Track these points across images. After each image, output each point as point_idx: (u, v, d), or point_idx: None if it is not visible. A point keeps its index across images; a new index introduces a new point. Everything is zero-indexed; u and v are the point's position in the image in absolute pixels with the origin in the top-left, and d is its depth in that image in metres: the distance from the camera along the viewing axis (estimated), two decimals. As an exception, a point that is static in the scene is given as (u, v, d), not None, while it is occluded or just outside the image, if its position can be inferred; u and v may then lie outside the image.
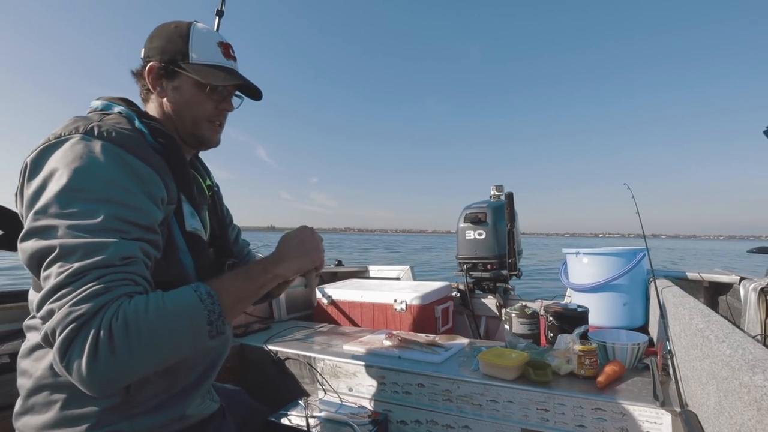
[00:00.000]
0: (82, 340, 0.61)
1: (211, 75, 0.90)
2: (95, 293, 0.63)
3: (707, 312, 1.04)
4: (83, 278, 0.64)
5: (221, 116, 0.97)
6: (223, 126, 1.00)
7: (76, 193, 0.69)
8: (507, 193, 2.39)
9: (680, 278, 2.15)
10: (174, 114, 0.93)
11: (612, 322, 1.84)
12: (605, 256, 1.88)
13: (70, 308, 0.62)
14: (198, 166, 1.07)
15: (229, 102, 0.98)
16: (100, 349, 0.61)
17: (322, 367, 1.48)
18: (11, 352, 1.26)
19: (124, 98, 0.92)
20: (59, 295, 0.63)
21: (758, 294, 1.63)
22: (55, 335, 0.62)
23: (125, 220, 0.71)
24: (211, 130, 0.97)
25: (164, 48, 0.90)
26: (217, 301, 0.73)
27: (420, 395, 1.29)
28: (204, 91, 0.92)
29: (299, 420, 1.25)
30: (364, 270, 2.96)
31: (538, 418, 1.13)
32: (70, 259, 0.65)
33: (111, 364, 0.62)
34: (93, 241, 0.67)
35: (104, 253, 0.66)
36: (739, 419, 0.61)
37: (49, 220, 0.68)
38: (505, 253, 2.38)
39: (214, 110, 0.95)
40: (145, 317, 0.65)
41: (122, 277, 0.68)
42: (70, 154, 0.71)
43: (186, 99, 0.92)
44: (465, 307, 2.47)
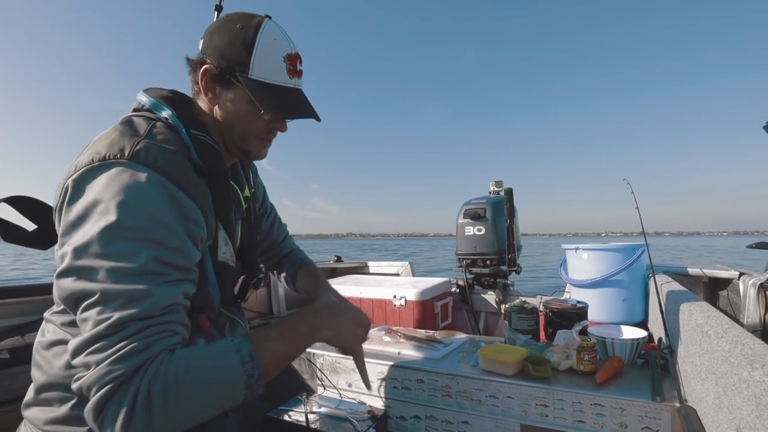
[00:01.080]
0: (117, 403, 0.60)
1: (270, 101, 0.83)
2: (134, 351, 0.61)
3: (706, 307, 1.04)
4: (122, 331, 0.62)
5: (272, 134, 0.92)
6: (271, 141, 0.94)
7: (119, 232, 0.65)
8: (506, 188, 2.39)
9: (679, 274, 2.15)
10: (223, 123, 0.87)
11: (611, 318, 1.84)
12: (604, 252, 1.88)
13: (108, 367, 0.60)
14: (239, 174, 1.02)
15: (283, 123, 0.91)
16: (135, 415, 0.60)
17: (321, 363, 1.48)
18: (11, 347, 1.26)
19: (173, 95, 0.87)
20: (97, 348, 0.61)
21: (757, 289, 1.63)
22: (90, 392, 0.61)
23: (167, 262, 0.68)
24: (259, 146, 0.91)
25: (224, 52, 0.82)
26: (258, 366, 0.70)
27: (419, 391, 1.29)
28: (259, 111, 0.85)
29: (299, 416, 1.25)
30: (363, 266, 2.96)
31: (538, 414, 1.13)
32: (109, 306, 0.63)
33: (146, 427, 0.60)
34: (134, 289, 0.64)
35: (145, 302, 0.64)
36: (738, 414, 0.61)
37: (89, 260, 0.64)
38: (504, 249, 2.37)
39: (266, 128, 0.89)
40: (185, 382, 0.63)
41: (162, 330, 0.65)
42: (116, 185, 0.67)
43: (239, 114, 0.86)
44: (464, 303, 2.47)
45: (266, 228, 1.24)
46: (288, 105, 0.85)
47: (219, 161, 0.84)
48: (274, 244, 1.29)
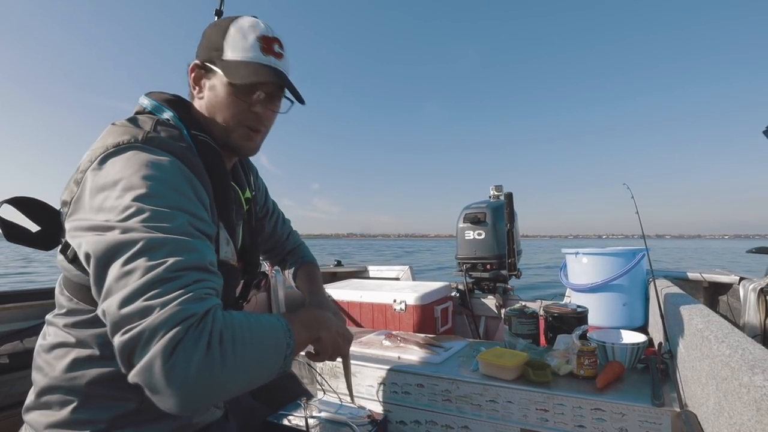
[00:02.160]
0: (192, 342, 0.55)
1: (236, 71, 0.82)
2: (199, 297, 0.59)
3: (707, 312, 1.04)
4: (184, 277, 0.59)
5: (256, 121, 0.88)
6: (261, 133, 0.91)
7: (150, 199, 0.64)
8: (506, 193, 2.39)
9: (680, 278, 2.15)
10: (209, 116, 0.87)
11: (611, 323, 1.84)
12: (605, 257, 1.88)
13: (180, 306, 0.56)
14: (239, 174, 1.02)
15: (265, 105, 0.88)
16: (211, 356, 0.56)
17: (321, 368, 1.48)
18: (10, 352, 1.26)
19: (174, 98, 0.88)
20: (160, 291, 0.57)
21: (758, 294, 1.63)
22: (156, 334, 0.54)
23: (199, 229, 0.68)
24: (244, 137, 0.88)
25: (205, 45, 0.86)
26: (293, 338, 0.71)
27: (419, 395, 1.29)
28: (234, 91, 0.84)
29: (298, 420, 1.25)
30: (363, 270, 2.96)
31: (538, 419, 1.13)
32: (159, 253, 0.59)
33: (218, 375, 0.56)
34: (181, 239, 0.62)
35: (194, 254, 0.62)
36: (739, 419, 0.61)
37: (124, 222, 0.62)
38: (504, 253, 2.37)
39: (248, 113, 0.87)
40: (250, 333, 0.62)
41: (213, 286, 0.64)
42: (135, 163, 0.67)
43: (219, 100, 0.85)
44: (464, 307, 2.47)
45: (270, 228, 1.26)
46: (254, 73, 0.83)
47: (219, 161, 0.85)
48: (279, 242, 1.31)
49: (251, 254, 1.04)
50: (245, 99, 0.86)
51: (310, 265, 1.32)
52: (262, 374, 0.66)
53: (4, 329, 1.30)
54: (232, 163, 0.98)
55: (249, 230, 1.03)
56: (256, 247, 1.07)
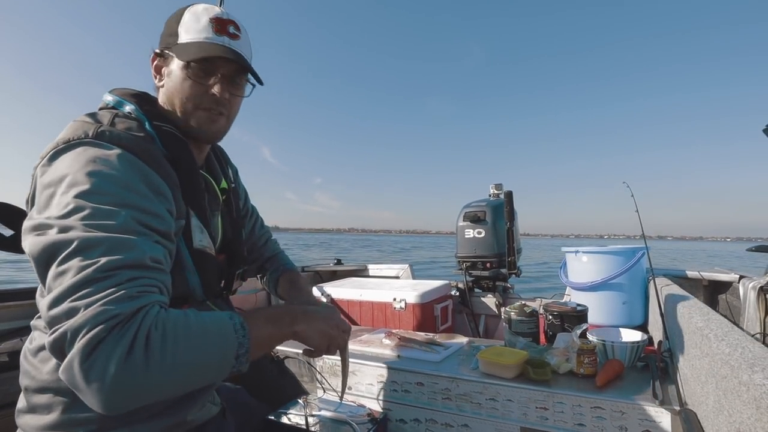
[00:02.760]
0: (113, 342, 0.54)
1: (187, 50, 0.82)
2: (129, 296, 0.58)
3: (706, 310, 1.04)
4: (113, 277, 0.58)
5: (214, 103, 0.86)
6: (224, 116, 0.89)
7: (94, 197, 0.64)
8: (506, 191, 2.39)
9: (679, 277, 2.15)
10: (169, 103, 0.86)
11: (611, 321, 1.84)
12: (604, 255, 1.88)
13: (103, 307, 0.55)
14: (214, 166, 1.01)
15: (223, 87, 0.86)
16: (133, 358, 0.55)
17: (321, 366, 1.48)
18: (10, 350, 1.26)
19: (139, 92, 0.87)
20: (86, 292, 0.56)
21: (757, 292, 1.63)
22: (78, 334, 0.54)
23: (146, 224, 0.66)
24: (205, 120, 0.87)
25: (164, 33, 0.87)
26: (247, 336, 0.67)
27: (419, 394, 1.29)
28: (189, 73, 0.83)
29: (298, 419, 1.25)
30: (363, 268, 2.96)
31: (538, 417, 1.13)
32: (93, 252, 0.59)
33: (141, 376, 0.55)
34: (119, 237, 0.61)
35: (133, 251, 0.61)
36: (738, 418, 0.61)
37: (64, 220, 0.61)
38: (504, 252, 2.37)
39: (204, 95, 0.85)
40: (185, 332, 0.60)
41: (153, 283, 0.63)
42: (82, 159, 0.67)
43: (175, 84, 0.84)
44: (464, 306, 2.47)
45: (248, 229, 1.23)
46: (205, 50, 0.82)
47: (185, 150, 0.84)
48: (256, 247, 1.27)
49: (235, 245, 1.03)
50: (202, 81, 0.84)
51: (292, 273, 1.26)
52: (205, 375, 0.64)
53: (5, 327, 1.30)
54: (204, 153, 0.97)
55: (230, 222, 1.02)
56: (240, 238, 1.05)
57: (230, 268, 1.02)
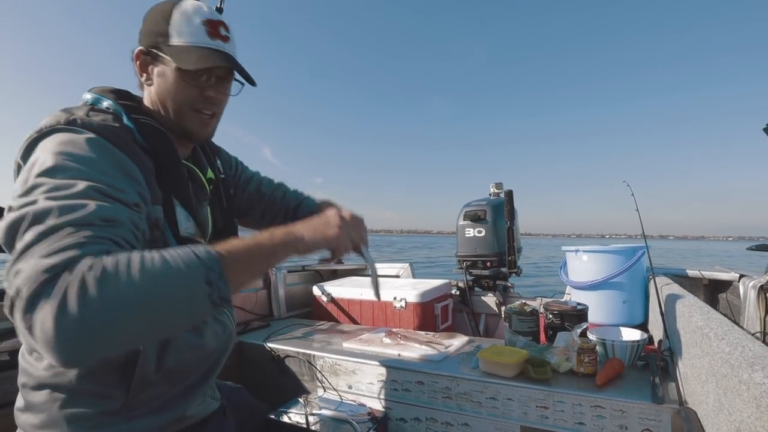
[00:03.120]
0: (48, 293, 0.52)
1: (187, 57, 0.81)
2: (69, 246, 0.56)
3: (706, 309, 1.04)
4: (56, 234, 0.57)
5: (209, 105, 0.87)
6: (216, 116, 0.91)
7: (55, 173, 0.64)
8: (506, 190, 2.39)
9: (680, 276, 2.15)
10: (160, 103, 0.86)
11: (611, 320, 1.84)
12: (605, 254, 1.88)
13: (38, 260, 0.54)
14: (200, 157, 1.01)
15: (217, 89, 0.87)
16: (69, 302, 0.52)
17: (321, 365, 1.48)
18: (11, 349, 1.26)
19: (118, 90, 0.87)
20: (27, 254, 0.56)
21: (758, 291, 1.63)
22: (19, 294, 0.53)
23: (107, 194, 0.65)
24: (197, 122, 0.88)
25: (149, 30, 0.84)
26: (215, 259, 0.62)
27: (419, 393, 1.29)
28: (185, 76, 0.83)
29: (299, 417, 1.25)
30: (363, 268, 2.96)
31: (538, 416, 1.13)
32: (44, 220, 0.58)
33: (82, 322, 0.52)
34: (71, 203, 0.60)
35: (82, 211, 0.60)
36: (739, 416, 0.61)
37: (26, 197, 0.62)
38: (504, 251, 2.37)
39: (199, 98, 0.86)
40: (128, 269, 0.56)
41: (103, 236, 0.60)
42: (52, 144, 0.68)
43: (168, 86, 0.84)
44: (464, 305, 2.47)
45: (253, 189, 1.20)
46: (206, 58, 0.82)
47: (164, 140, 0.84)
48: (275, 202, 1.23)
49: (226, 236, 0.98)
50: (196, 84, 0.85)
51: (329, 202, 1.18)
52: (172, 309, 0.59)
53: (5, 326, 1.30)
54: (190, 146, 0.97)
55: (221, 212, 1.01)
56: (232, 229, 1.05)
57: None
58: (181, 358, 0.84)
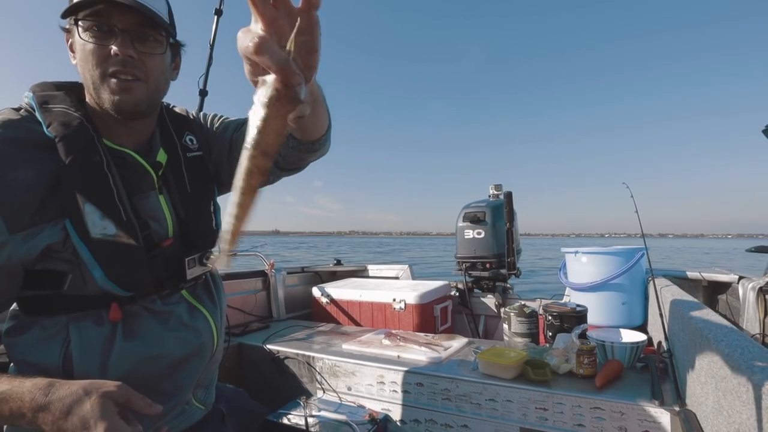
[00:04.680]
0: None
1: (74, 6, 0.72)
2: None
3: (706, 311, 1.04)
4: None
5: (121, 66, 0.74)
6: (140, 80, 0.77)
7: None
8: (506, 192, 2.39)
9: (679, 277, 2.15)
10: (84, 81, 0.77)
11: (611, 322, 1.84)
12: (604, 256, 1.88)
13: None
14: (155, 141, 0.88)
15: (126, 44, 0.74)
16: None
17: (321, 367, 1.48)
18: (9, 351, 1.26)
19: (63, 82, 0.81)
20: None
21: (757, 293, 1.63)
22: None
23: None
24: (114, 89, 0.75)
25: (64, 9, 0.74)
26: None
27: (419, 394, 1.29)
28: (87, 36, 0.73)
29: (298, 419, 1.25)
30: (362, 269, 2.96)
31: (537, 417, 1.13)
32: None
33: None
34: None
35: None
36: (738, 418, 0.61)
37: None
38: (504, 252, 2.38)
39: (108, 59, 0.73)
40: None
41: None
42: None
43: (80, 55, 0.75)
44: (464, 307, 2.47)
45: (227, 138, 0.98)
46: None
47: (74, 127, 0.75)
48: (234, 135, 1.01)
49: (193, 226, 0.89)
50: (101, 42, 0.73)
51: None
52: None
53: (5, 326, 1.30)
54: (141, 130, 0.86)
55: (181, 199, 0.88)
56: (199, 216, 0.91)
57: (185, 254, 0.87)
58: (133, 370, 0.76)
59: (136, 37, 0.75)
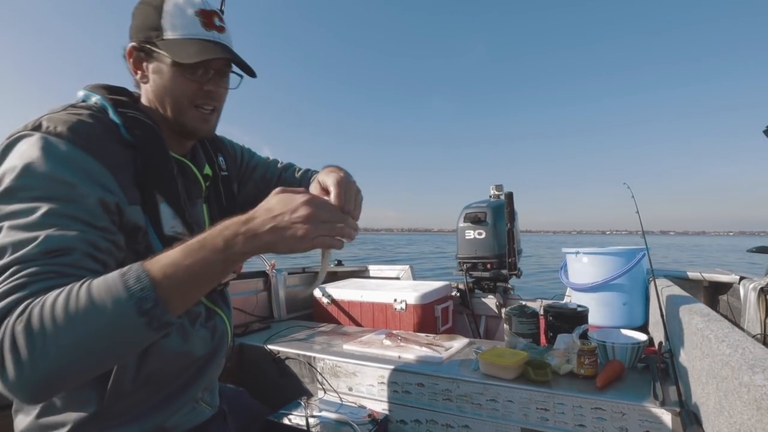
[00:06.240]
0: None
1: (184, 50, 0.78)
2: (9, 289, 0.57)
3: (707, 311, 1.04)
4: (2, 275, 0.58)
5: (209, 99, 0.84)
6: (216, 111, 0.88)
7: (14, 193, 0.63)
8: (507, 192, 2.39)
9: (680, 278, 2.15)
10: (158, 101, 0.83)
11: (611, 322, 1.84)
12: (605, 256, 1.88)
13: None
14: (198, 153, 0.98)
15: (217, 83, 0.84)
16: (5, 360, 0.54)
17: (322, 367, 1.48)
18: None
19: (112, 86, 0.84)
20: None
21: (758, 293, 1.63)
22: None
23: (65, 215, 0.64)
24: (198, 118, 0.85)
25: (140, 25, 0.80)
26: (148, 287, 0.59)
27: (420, 395, 1.29)
28: (183, 72, 0.80)
29: (299, 420, 1.25)
30: (363, 269, 2.96)
31: (538, 418, 1.13)
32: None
33: (24, 375, 0.54)
34: (22, 237, 0.60)
35: (29, 246, 0.60)
36: (739, 419, 0.61)
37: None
38: (504, 253, 2.37)
39: (199, 93, 0.83)
40: (51, 315, 0.55)
41: (45, 270, 0.60)
42: (14, 155, 0.66)
43: (166, 82, 0.81)
44: (465, 307, 2.47)
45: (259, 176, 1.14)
46: (205, 50, 0.79)
47: (151, 134, 0.80)
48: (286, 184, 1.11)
49: None
50: (194, 78, 0.82)
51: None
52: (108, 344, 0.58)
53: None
54: (189, 143, 0.94)
55: (219, 210, 0.97)
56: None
57: None
58: (163, 365, 0.81)
59: (221, 75, 0.86)
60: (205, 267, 0.62)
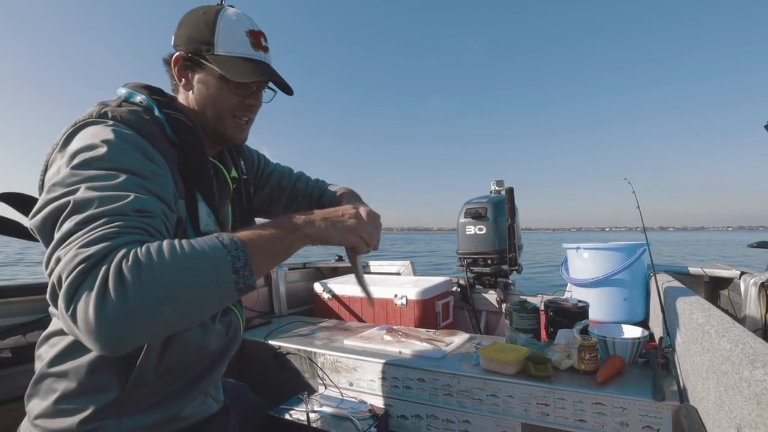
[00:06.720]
0: (89, 283, 0.55)
1: (236, 69, 0.85)
2: (105, 237, 0.58)
3: (707, 306, 1.04)
4: (94, 223, 0.60)
5: (247, 112, 0.92)
6: (250, 122, 0.95)
7: (92, 163, 0.67)
8: (507, 188, 2.39)
9: (681, 273, 2.15)
10: (198, 108, 0.90)
11: (612, 317, 1.84)
12: (606, 251, 1.88)
13: (77, 251, 0.56)
14: (225, 156, 1.03)
15: (256, 97, 0.92)
16: (109, 292, 0.54)
17: (322, 362, 1.48)
18: (12, 346, 1.27)
19: (150, 86, 0.89)
20: (67, 242, 0.58)
21: (758, 288, 1.63)
22: (61, 282, 0.56)
23: (143, 186, 0.68)
24: (236, 127, 0.92)
25: (190, 37, 0.86)
26: (241, 248, 0.65)
27: (420, 390, 1.30)
28: (229, 86, 0.87)
29: (300, 414, 1.26)
30: (364, 265, 2.97)
31: (539, 413, 1.13)
32: (84, 209, 0.61)
33: (123, 310, 0.54)
34: (111, 194, 0.63)
35: (119, 202, 0.62)
36: (739, 413, 0.61)
37: (66, 187, 0.64)
38: (505, 248, 2.37)
39: (240, 105, 0.90)
40: (160, 258, 0.58)
41: (137, 226, 0.63)
42: (87, 135, 0.71)
43: (210, 93, 0.88)
44: (465, 302, 2.47)
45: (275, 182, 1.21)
46: (257, 71, 0.86)
47: (194, 136, 0.86)
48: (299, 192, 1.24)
49: None
50: (239, 93, 0.89)
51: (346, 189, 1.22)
52: (204, 296, 0.61)
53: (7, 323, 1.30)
54: (218, 149, 1.00)
55: (241, 211, 1.04)
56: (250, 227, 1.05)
57: None
58: (182, 356, 0.84)
59: (260, 90, 0.93)
60: (276, 242, 0.72)
